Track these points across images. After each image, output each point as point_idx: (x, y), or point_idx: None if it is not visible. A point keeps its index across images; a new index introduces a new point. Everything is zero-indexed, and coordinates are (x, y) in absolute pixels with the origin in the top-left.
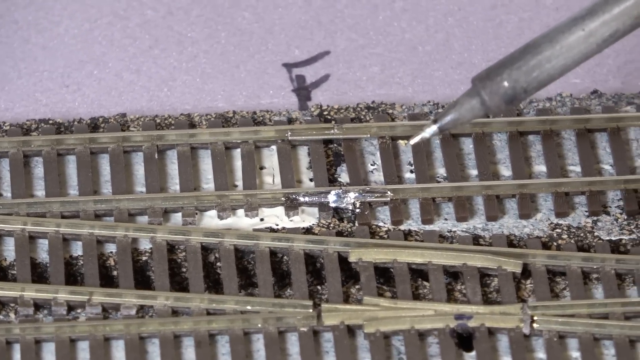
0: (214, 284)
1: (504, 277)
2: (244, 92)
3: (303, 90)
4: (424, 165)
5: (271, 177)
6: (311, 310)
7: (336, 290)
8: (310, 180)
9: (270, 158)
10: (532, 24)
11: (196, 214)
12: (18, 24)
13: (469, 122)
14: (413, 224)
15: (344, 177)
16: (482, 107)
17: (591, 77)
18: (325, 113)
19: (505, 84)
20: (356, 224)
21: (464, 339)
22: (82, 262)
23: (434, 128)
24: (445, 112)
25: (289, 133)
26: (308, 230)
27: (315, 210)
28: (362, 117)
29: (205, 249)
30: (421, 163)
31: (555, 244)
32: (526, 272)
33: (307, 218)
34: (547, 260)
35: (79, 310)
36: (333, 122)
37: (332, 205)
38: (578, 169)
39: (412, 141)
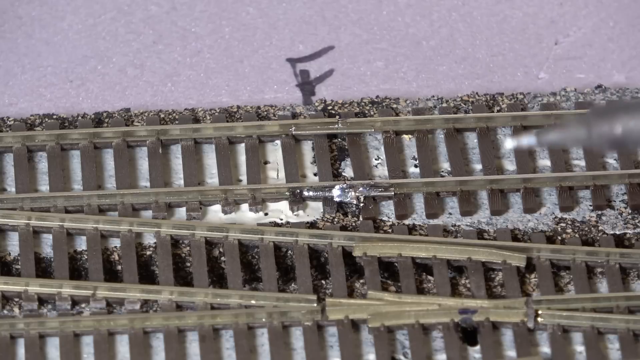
0: (218, 279)
1: (509, 272)
2: (248, 87)
3: (307, 85)
4: (428, 160)
5: (275, 171)
6: (315, 305)
7: (340, 284)
8: (315, 174)
9: (275, 153)
10: (536, 19)
11: (200, 208)
12: (21, 19)
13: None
14: (417, 218)
15: (348, 171)
16: (587, 141)
17: (595, 72)
18: (330, 108)
19: (619, 130)
20: (360, 219)
21: (468, 333)
22: (86, 257)
23: (533, 141)
24: (549, 132)
25: (293, 128)
26: (312, 225)
27: (320, 204)
28: (366, 111)
29: (210, 244)
30: (425, 157)
31: (559, 238)
32: (530, 266)
33: (312, 212)
34: (552, 254)
35: (83, 305)
36: (337, 116)
37: (337, 199)
38: (582, 163)
39: (508, 145)
